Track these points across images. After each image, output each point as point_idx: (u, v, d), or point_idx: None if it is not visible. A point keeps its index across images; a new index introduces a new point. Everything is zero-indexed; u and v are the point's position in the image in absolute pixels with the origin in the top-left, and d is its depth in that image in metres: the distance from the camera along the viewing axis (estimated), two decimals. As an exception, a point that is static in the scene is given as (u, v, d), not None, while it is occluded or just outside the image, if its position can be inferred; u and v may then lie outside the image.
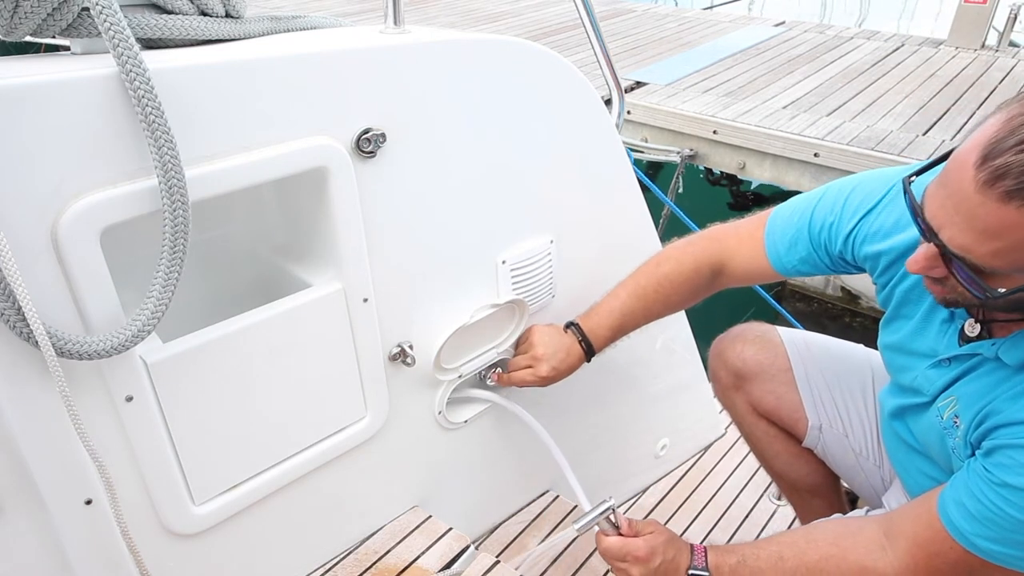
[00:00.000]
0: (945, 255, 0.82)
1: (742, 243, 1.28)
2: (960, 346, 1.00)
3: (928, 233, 0.83)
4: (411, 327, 1.25)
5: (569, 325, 1.38)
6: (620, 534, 1.15)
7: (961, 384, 1.00)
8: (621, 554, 1.13)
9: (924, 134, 4.29)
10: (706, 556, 1.12)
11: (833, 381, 1.40)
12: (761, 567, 1.08)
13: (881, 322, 1.18)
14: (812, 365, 1.41)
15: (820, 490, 1.51)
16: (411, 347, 1.24)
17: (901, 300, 1.10)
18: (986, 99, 4.86)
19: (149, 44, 0.92)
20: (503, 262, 1.33)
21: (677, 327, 1.87)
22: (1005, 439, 0.90)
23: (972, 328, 0.97)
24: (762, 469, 1.64)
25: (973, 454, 0.96)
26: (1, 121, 0.73)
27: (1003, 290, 0.80)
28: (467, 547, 1.36)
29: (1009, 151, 0.72)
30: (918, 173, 0.90)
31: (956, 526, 0.92)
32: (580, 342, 1.35)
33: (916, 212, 0.84)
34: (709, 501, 1.92)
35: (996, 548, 0.89)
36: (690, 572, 1.12)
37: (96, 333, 0.83)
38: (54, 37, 0.85)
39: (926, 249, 0.85)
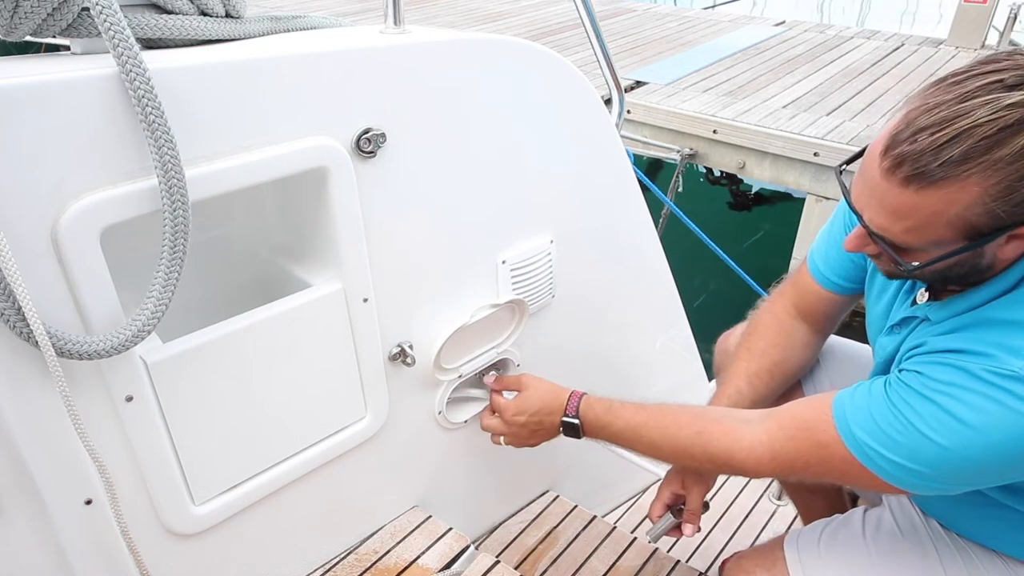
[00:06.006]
0: (870, 234, 0.90)
1: (800, 276, 1.31)
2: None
3: (856, 215, 0.90)
4: (411, 327, 1.25)
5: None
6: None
7: (903, 345, 1.03)
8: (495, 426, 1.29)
9: (924, 134, 4.28)
10: (579, 404, 1.20)
11: (839, 381, 1.40)
12: (627, 414, 1.15)
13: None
14: (818, 365, 1.40)
15: (821, 489, 1.51)
16: (411, 347, 1.24)
17: (871, 281, 1.16)
18: (986, 99, 4.85)
19: (149, 44, 0.92)
20: (503, 262, 1.33)
21: (677, 327, 1.87)
22: (920, 361, 0.94)
23: (922, 296, 1.03)
24: (762, 469, 1.63)
25: None
26: (1, 121, 0.73)
27: (916, 264, 0.88)
28: (467, 547, 1.36)
29: (904, 142, 0.80)
30: (848, 162, 1.00)
31: (843, 411, 0.96)
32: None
33: (846, 196, 0.93)
34: (709, 501, 1.91)
35: (868, 441, 0.92)
36: (563, 419, 1.21)
37: (96, 333, 0.83)
38: (54, 37, 0.85)
39: (857, 229, 0.93)
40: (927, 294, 1.02)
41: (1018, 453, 0.83)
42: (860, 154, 0.91)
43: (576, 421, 1.20)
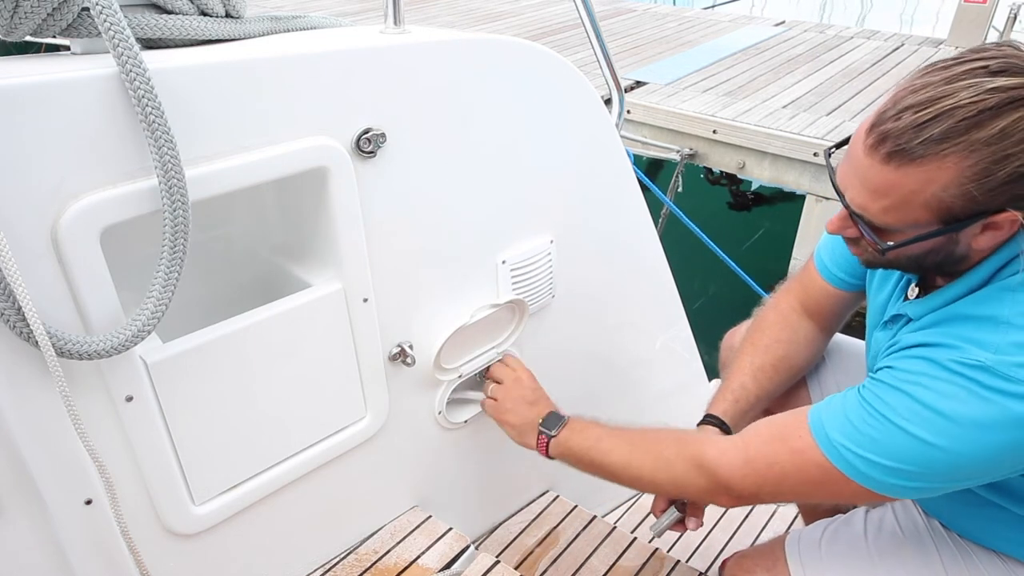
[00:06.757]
0: (851, 215, 0.91)
1: (806, 273, 1.31)
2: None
3: (838, 195, 0.91)
4: (411, 327, 1.25)
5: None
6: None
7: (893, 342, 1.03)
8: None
9: (924, 134, 4.28)
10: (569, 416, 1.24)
11: (844, 380, 1.39)
12: (610, 426, 1.18)
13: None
14: (823, 363, 1.40)
15: None
16: (411, 347, 1.24)
17: (872, 275, 1.17)
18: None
19: (149, 44, 0.92)
20: (503, 262, 1.33)
21: (677, 327, 1.87)
22: (891, 358, 0.94)
23: (912, 291, 1.03)
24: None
25: None
26: (1, 121, 0.73)
27: (891, 243, 0.89)
28: (467, 547, 1.36)
29: (889, 119, 0.82)
30: (837, 146, 1.00)
31: (819, 418, 0.95)
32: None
33: (832, 177, 0.94)
34: (709, 501, 1.91)
35: (844, 442, 0.91)
36: (550, 410, 1.25)
37: (96, 333, 0.83)
38: (54, 37, 0.85)
39: (840, 211, 0.94)
40: (917, 289, 1.03)
41: (995, 443, 0.83)
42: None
43: (564, 416, 1.24)
